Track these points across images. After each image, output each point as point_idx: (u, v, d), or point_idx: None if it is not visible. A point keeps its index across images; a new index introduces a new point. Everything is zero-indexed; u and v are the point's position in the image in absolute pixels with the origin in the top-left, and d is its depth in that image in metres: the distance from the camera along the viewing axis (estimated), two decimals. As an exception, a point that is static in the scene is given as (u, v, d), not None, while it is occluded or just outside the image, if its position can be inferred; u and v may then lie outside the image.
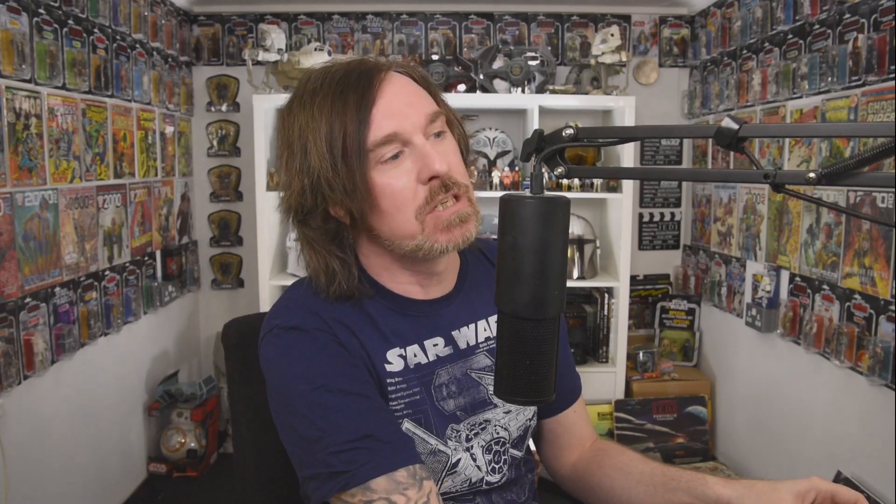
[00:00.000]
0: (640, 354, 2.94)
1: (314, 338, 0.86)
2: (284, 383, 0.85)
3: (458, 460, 0.91)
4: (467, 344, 0.97)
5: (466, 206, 0.88)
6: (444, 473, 0.90)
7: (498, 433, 0.95)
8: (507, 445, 0.97)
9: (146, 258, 2.66)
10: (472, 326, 0.98)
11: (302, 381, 0.83)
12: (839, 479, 1.95)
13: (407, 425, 0.88)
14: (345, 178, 0.83)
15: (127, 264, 2.49)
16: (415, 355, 0.92)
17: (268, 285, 2.69)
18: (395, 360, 0.90)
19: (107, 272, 2.35)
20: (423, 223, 0.86)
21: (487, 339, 0.99)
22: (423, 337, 0.94)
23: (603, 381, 2.82)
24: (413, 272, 0.94)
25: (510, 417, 0.97)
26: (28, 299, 1.91)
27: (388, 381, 0.89)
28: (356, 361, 0.87)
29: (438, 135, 0.88)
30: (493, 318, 1.01)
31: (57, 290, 2.04)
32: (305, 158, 0.85)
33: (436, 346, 0.94)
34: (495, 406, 0.96)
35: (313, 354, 0.85)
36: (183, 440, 2.73)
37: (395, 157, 0.85)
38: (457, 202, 0.87)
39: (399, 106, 0.85)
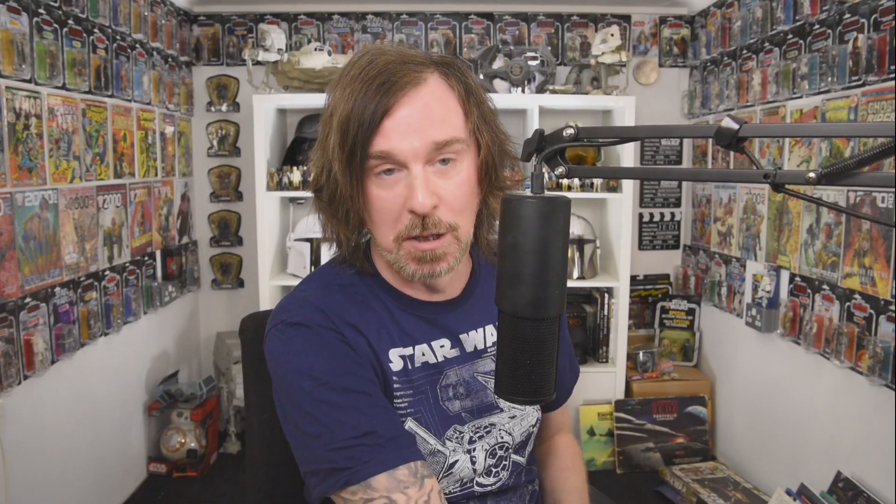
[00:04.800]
0: (640, 354, 2.94)
1: (319, 335, 0.86)
2: (288, 378, 0.85)
3: (456, 461, 0.91)
4: (475, 347, 0.97)
5: (446, 245, 0.87)
6: (440, 475, 0.90)
7: (502, 437, 0.96)
8: (510, 451, 0.97)
9: (146, 258, 2.66)
10: (480, 331, 0.98)
11: (305, 377, 0.83)
12: (839, 479, 1.95)
13: (409, 424, 0.89)
14: (348, 176, 0.84)
15: (127, 264, 2.49)
16: (423, 354, 0.93)
17: (268, 285, 2.70)
18: (395, 360, 0.90)
19: (107, 272, 2.35)
20: (399, 246, 0.87)
21: (495, 343, 0.99)
22: (431, 337, 0.94)
23: (603, 381, 2.82)
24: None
25: (514, 423, 0.98)
26: (28, 299, 1.91)
27: (393, 378, 0.89)
28: (361, 360, 0.87)
29: (445, 161, 0.85)
30: None
31: (57, 290, 2.04)
32: (327, 137, 0.87)
33: (443, 348, 0.95)
34: (501, 410, 0.97)
35: (317, 351, 0.85)
36: (183, 440, 2.73)
37: (390, 172, 0.84)
38: (436, 240, 0.86)
39: (407, 127, 0.83)
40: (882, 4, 1.81)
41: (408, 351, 0.92)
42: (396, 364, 0.90)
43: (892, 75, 1.77)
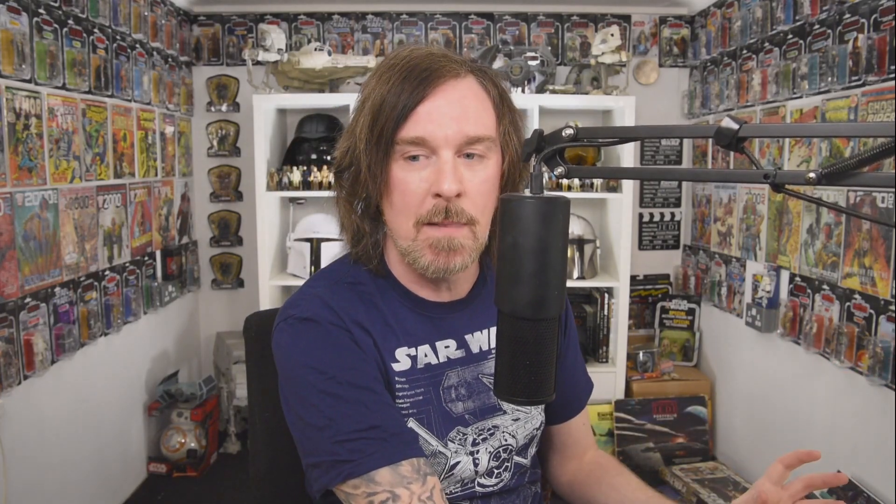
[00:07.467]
0: (640, 354, 2.94)
1: (327, 331, 0.87)
2: (294, 371, 0.86)
3: (457, 463, 0.91)
4: (480, 349, 0.97)
5: (463, 237, 0.87)
6: (441, 476, 0.90)
7: (506, 440, 0.96)
8: (513, 452, 0.97)
9: (146, 258, 2.66)
10: (485, 332, 0.98)
11: (312, 370, 0.84)
12: (839, 479, 1.95)
13: (411, 425, 0.89)
14: (372, 158, 0.86)
15: (127, 264, 2.49)
16: (425, 355, 0.93)
17: (268, 285, 2.69)
18: (402, 359, 0.91)
19: (107, 272, 2.35)
20: (418, 232, 0.87)
21: None
22: (435, 338, 0.94)
23: (603, 381, 2.81)
24: (421, 273, 0.94)
25: (518, 425, 0.97)
26: (28, 299, 1.91)
27: (397, 379, 0.90)
28: (367, 358, 0.87)
29: (471, 156, 0.87)
30: None
31: (57, 290, 2.04)
32: (357, 122, 0.89)
33: (447, 348, 0.95)
34: (504, 413, 0.96)
35: (325, 346, 0.86)
36: (183, 440, 2.73)
37: (416, 158, 0.85)
38: (457, 228, 0.86)
39: (443, 114, 0.84)
40: (882, 4, 1.81)
41: (412, 351, 0.92)
42: (403, 364, 0.90)
43: (892, 75, 1.76)
